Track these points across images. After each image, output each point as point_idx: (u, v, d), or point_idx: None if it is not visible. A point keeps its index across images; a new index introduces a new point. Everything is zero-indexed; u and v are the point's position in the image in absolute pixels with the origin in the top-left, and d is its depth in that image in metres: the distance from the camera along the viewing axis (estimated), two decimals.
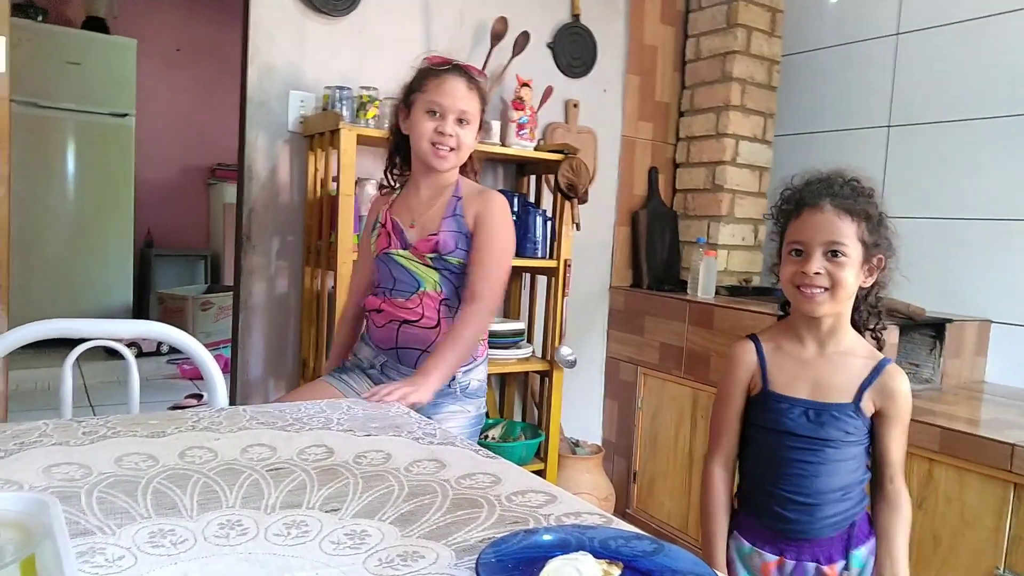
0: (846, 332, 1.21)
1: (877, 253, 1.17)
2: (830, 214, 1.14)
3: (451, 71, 1.52)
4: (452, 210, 1.54)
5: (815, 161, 3.03)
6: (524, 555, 0.64)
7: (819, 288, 1.14)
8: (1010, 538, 1.56)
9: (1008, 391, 2.14)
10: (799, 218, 1.17)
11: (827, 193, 1.16)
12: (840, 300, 1.16)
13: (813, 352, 1.21)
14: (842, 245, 1.13)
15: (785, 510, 1.20)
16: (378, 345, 1.58)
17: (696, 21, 2.91)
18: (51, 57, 4.29)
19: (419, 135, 1.51)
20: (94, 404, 3.48)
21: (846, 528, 1.19)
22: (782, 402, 1.20)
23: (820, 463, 1.17)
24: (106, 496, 0.74)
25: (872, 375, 1.17)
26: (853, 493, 1.20)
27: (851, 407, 1.17)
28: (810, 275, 1.13)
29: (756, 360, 1.24)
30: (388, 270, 1.56)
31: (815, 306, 1.15)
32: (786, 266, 1.18)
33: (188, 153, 5.41)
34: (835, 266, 1.13)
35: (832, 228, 1.13)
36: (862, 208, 1.15)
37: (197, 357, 1.29)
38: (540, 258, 2.37)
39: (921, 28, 2.48)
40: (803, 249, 1.15)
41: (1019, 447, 1.54)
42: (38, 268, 4.29)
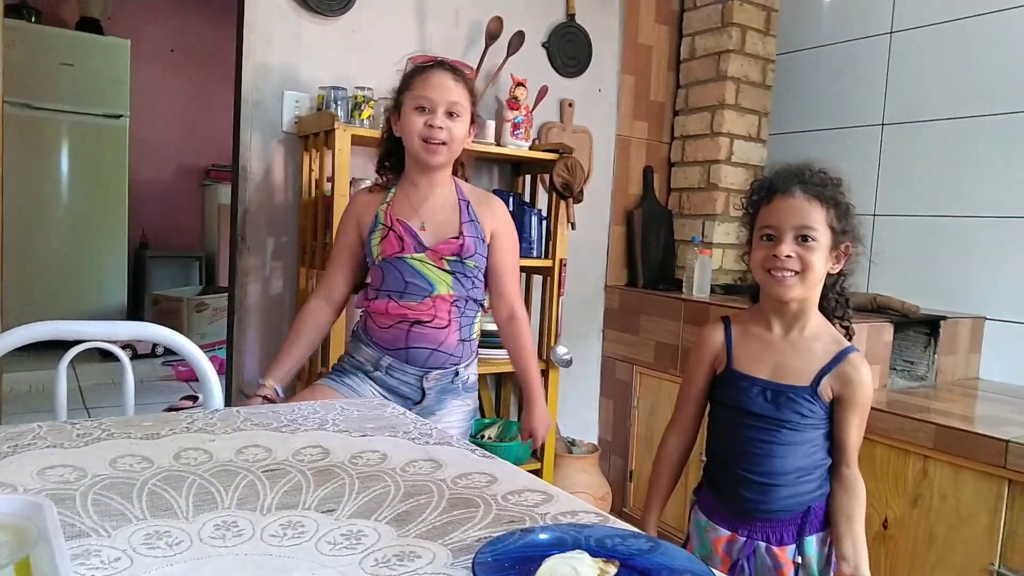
0: (812, 317, 1.23)
1: (844, 240, 1.20)
2: (801, 199, 1.17)
3: (436, 66, 1.52)
4: (468, 215, 1.56)
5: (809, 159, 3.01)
6: (520, 554, 0.64)
7: (790, 272, 1.16)
8: (1005, 534, 1.57)
9: (1002, 388, 2.15)
10: (770, 204, 1.19)
11: (797, 180, 1.19)
12: (809, 284, 1.18)
13: (778, 335, 1.24)
14: (812, 230, 1.16)
15: (741, 487, 1.23)
16: (383, 346, 1.56)
17: (691, 20, 2.92)
18: (45, 58, 4.28)
19: (410, 132, 1.50)
20: (89, 406, 3.47)
21: (800, 512, 1.21)
22: (743, 380, 1.24)
23: (776, 443, 1.20)
24: (101, 498, 0.73)
25: (833, 362, 1.20)
26: (810, 477, 1.22)
27: (808, 391, 1.19)
28: (781, 258, 1.16)
29: (723, 340, 1.28)
30: (399, 274, 1.53)
31: (785, 289, 1.17)
32: (757, 250, 1.20)
33: (182, 154, 5.40)
34: (805, 250, 1.16)
35: (803, 213, 1.16)
36: (831, 195, 1.18)
37: (192, 358, 1.28)
38: (535, 257, 2.37)
39: (915, 27, 2.48)
40: (774, 233, 1.18)
41: (1013, 444, 1.55)
42: (32, 270, 4.28)
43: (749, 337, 1.27)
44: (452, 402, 1.60)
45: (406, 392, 1.56)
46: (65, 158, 4.45)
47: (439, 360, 1.55)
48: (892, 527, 1.78)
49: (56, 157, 4.42)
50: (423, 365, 1.54)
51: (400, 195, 1.58)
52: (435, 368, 1.55)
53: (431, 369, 1.55)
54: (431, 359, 1.54)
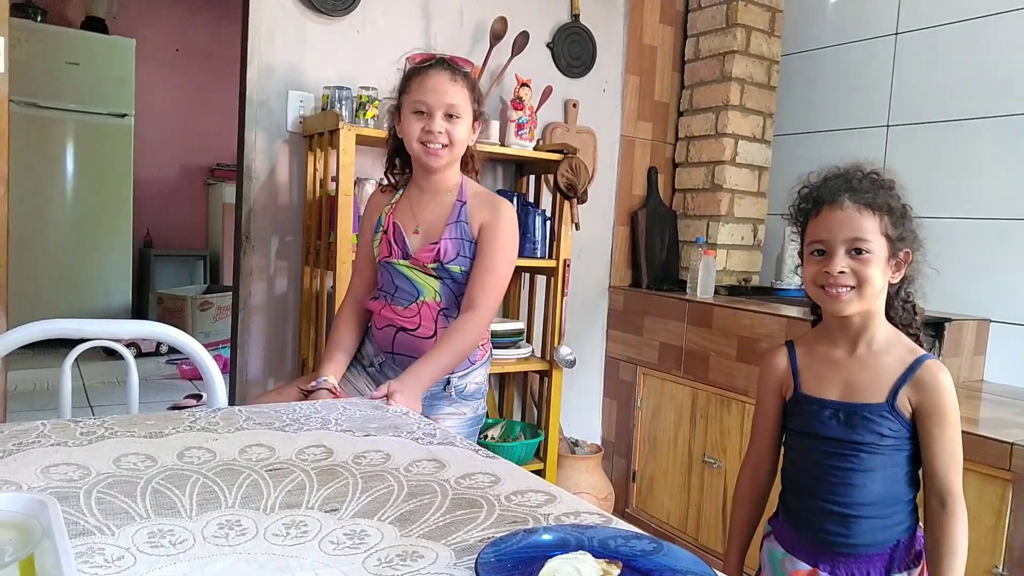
0: (879, 330, 1.15)
1: (903, 247, 1.12)
2: (850, 210, 1.09)
3: (433, 67, 1.47)
4: (456, 216, 1.51)
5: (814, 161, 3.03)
6: (523, 555, 0.64)
7: (844, 287, 1.09)
8: (1009, 537, 1.56)
9: (1007, 390, 2.14)
10: (818, 216, 1.12)
11: (846, 188, 1.11)
12: (868, 298, 1.10)
13: (844, 352, 1.16)
14: (865, 241, 1.08)
15: (821, 519, 1.14)
16: (378, 345, 1.58)
17: (695, 21, 2.91)
18: (50, 57, 4.29)
19: (408, 136, 1.47)
20: (93, 404, 3.48)
21: (889, 547, 1.11)
22: (812, 404, 1.16)
23: (854, 469, 1.11)
24: (105, 496, 0.74)
25: (908, 372, 1.11)
26: (897, 507, 1.12)
27: (885, 407, 1.10)
28: (834, 274, 1.09)
29: (787, 364, 1.21)
30: (390, 277, 1.55)
31: (842, 305, 1.10)
32: (808, 267, 1.13)
33: (187, 153, 5.41)
34: (859, 263, 1.09)
35: (854, 224, 1.09)
36: (883, 201, 1.11)
37: (196, 357, 1.29)
38: (539, 258, 2.37)
39: (920, 28, 2.48)
40: (825, 248, 1.11)
41: (1018, 446, 1.54)
42: (37, 268, 4.29)
43: (815, 358, 1.19)
44: (444, 409, 1.56)
45: None
46: (70, 157, 4.46)
47: None
48: None
49: (61, 156, 4.43)
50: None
51: (405, 197, 1.57)
52: None
53: None
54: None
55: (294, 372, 2.25)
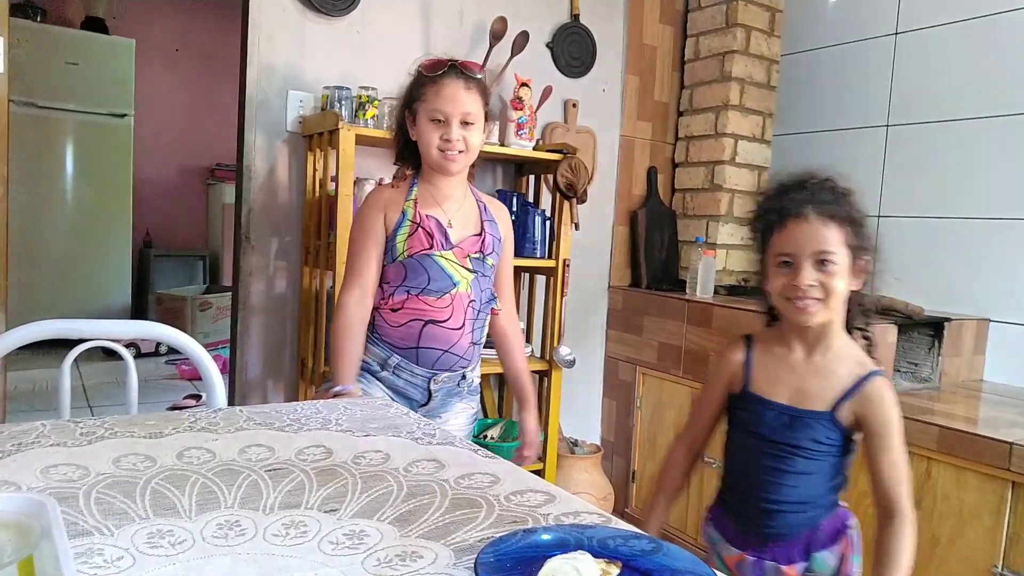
0: (836, 338, 1.18)
1: (863, 255, 1.15)
2: (816, 223, 1.11)
3: (447, 75, 1.49)
4: (485, 214, 1.59)
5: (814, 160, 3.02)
6: (523, 554, 0.64)
7: (812, 299, 1.12)
8: (1008, 536, 1.57)
9: (1006, 390, 2.14)
10: (784, 229, 1.14)
11: (809, 200, 1.13)
12: (833, 308, 1.14)
13: (800, 358, 1.19)
14: (831, 254, 1.11)
15: (752, 513, 1.20)
16: (392, 345, 1.54)
17: (695, 21, 2.91)
18: (50, 57, 4.29)
19: (426, 144, 1.50)
20: (92, 405, 3.48)
21: (808, 531, 1.17)
22: (759, 404, 1.19)
23: (788, 471, 1.16)
24: (104, 497, 0.74)
25: (856, 385, 1.14)
26: (819, 503, 1.18)
27: (827, 416, 1.15)
28: (803, 287, 1.11)
29: (742, 360, 1.24)
30: (423, 271, 1.51)
31: (808, 317, 1.13)
32: (775, 279, 1.16)
33: (187, 153, 5.41)
34: (826, 275, 1.11)
35: (819, 237, 1.11)
36: (845, 212, 1.13)
37: (196, 357, 1.29)
38: (539, 258, 2.37)
39: (920, 28, 2.48)
40: (792, 261, 1.13)
41: (1017, 446, 1.55)
42: (37, 268, 4.29)
43: (770, 358, 1.22)
44: (457, 405, 1.60)
45: (412, 394, 1.55)
46: (70, 157, 4.46)
47: (449, 362, 1.53)
48: None
49: (61, 156, 4.43)
50: (432, 366, 1.53)
51: (424, 192, 1.56)
52: (444, 370, 1.54)
53: (440, 371, 1.54)
54: (441, 360, 1.53)
55: (293, 372, 2.25)
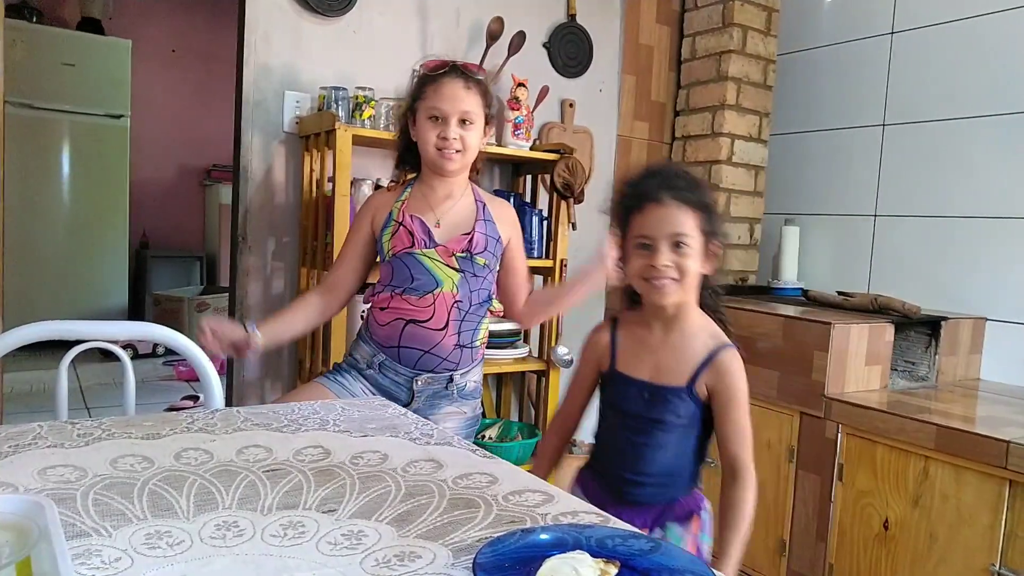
0: (691, 317, 1.25)
1: (714, 240, 1.22)
2: (672, 207, 1.18)
3: (447, 74, 1.52)
4: (483, 213, 1.58)
5: (811, 160, 3.03)
6: (521, 554, 0.64)
7: (668, 279, 1.18)
8: (1006, 535, 1.57)
9: (1003, 388, 2.15)
10: (643, 212, 1.20)
11: (667, 187, 1.20)
12: (687, 288, 1.21)
13: (659, 336, 1.25)
14: (686, 236, 1.17)
15: (615, 480, 1.26)
16: (379, 343, 1.56)
17: (692, 20, 2.92)
18: (46, 58, 4.28)
19: (424, 142, 1.52)
20: (90, 406, 3.47)
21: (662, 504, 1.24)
22: (623, 381, 1.26)
23: (647, 444, 1.22)
24: (102, 498, 0.73)
25: (708, 358, 1.21)
26: (677, 477, 1.25)
27: (684, 390, 1.21)
28: (659, 268, 1.17)
29: (608, 341, 1.30)
30: (406, 269, 1.53)
31: (665, 295, 1.19)
32: (634, 260, 1.22)
33: (183, 154, 5.40)
34: (681, 257, 1.18)
35: (676, 220, 1.18)
36: (699, 199, 1.20)
37: (193, 359, 1.28)
38: (536, 258, 2.37)
39: (916, 27, 2.48)
40: (649, 243, 1.19)
41: (1014, 444, 1.55)
42: (33, 270, 4.28)
43: (632, 339, 1.28)
44: (446, 408, 1.59)
45: (395, 393, 1.56)
46: (66, 158, 4.45)
47: (430, 363, 1.54)
48: (893, 528, 1.78)
49: (57, 157, 4.42)
50: (414, 366, 1.54)
51: (416, 193, 1.59)
52: (426, 371, 1.54)
53: (422, 371, 1.54)
54: (422, 361, 1.53)
55: (291, 373, 2.25)
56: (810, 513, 2.00)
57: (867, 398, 1.92)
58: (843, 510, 1.90)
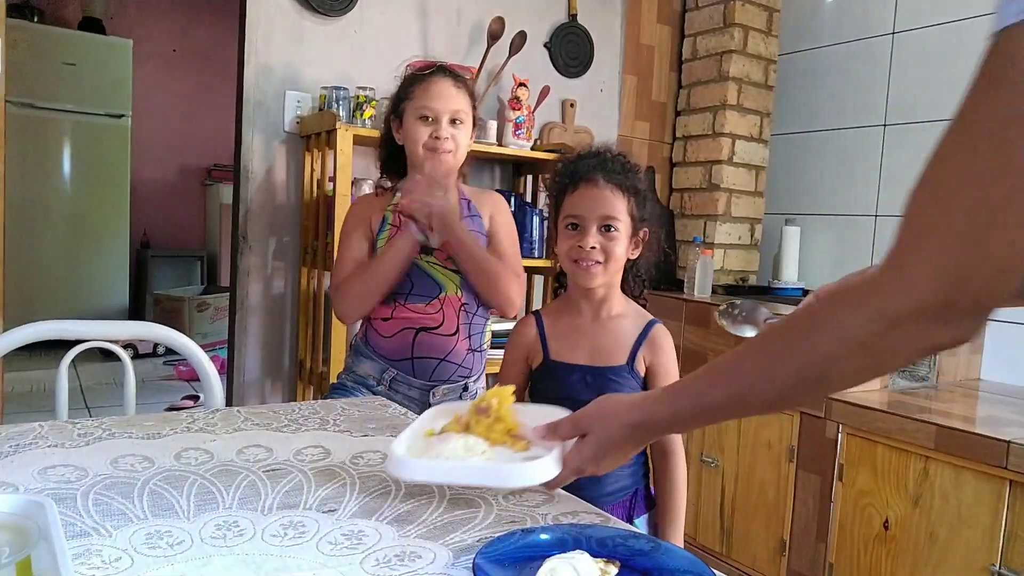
0: (616, 299, 1.26)
1: (643, 227, 1.23)
2: (604, 189, 1.19)
3: (436, 73, 1.49)
4: (467, 211, 1.54)
5: (811, 160, 3.02)
6: (521, 554, 0.64)
7: (594, 261, 1.18)
8: (1006, 535, 1.57)
9: (1004, 388, 2.15)
10: (575, 192, 1.21)
11: (600, 168, 1.20)
12: (612, 272, 1.21)
13: (589, 319, 1.25)
14: (615, 220, 1.18)
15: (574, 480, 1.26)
16: (386, 357, 1.50)
17: (693, 21, 2.92)
18: (47, 58, 4.28)
19: (413, 141, 1.47)
20: (90, 406, 3.47)
21: (629, 497, 1.24)
22: (562, 369, 1.24)
23: None
24: (102, 498, 0.74)
25: (642, 335, 1.23)
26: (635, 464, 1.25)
27: (625, 368, 1.22)
28: (587, 249, 1.18)
29: (536, 333, 1.28)
30: (406, 275, 1.48)
31: (591, 278, 1.20)
32: (563, 240, 1.22)
33: (184, 154, 5.40)
34: (608, 240, 1.18)
35: (606, 203, 1.18)
36: (631, 184, 1.21)
37: (193, 358, 1.29)
38: (537, 258, 2.37)
39: (917, 27, 2.48)
40: (579, 223, 1.19)
41: (1015, 444, 1.55)
42: (34, 269, 4.28)
43: (562, 326, 1.27)
44: None
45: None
46: (67, 158, 4.45)
47: (447, 372, 1.49)
48: (893, 527, 1.78)
49: (58, 157, 4.42)
50: (430, 378, 1.48)
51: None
52: (442, 382, 1.49)
53: (438, 383, 1.49)
54: (438, 371, 1.48)
55: (291, 373, 2.25)
56: (810, 513, 2.00)
57: (867, 398, 1.92)
58: (843, 510, 1.90)
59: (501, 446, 0.80)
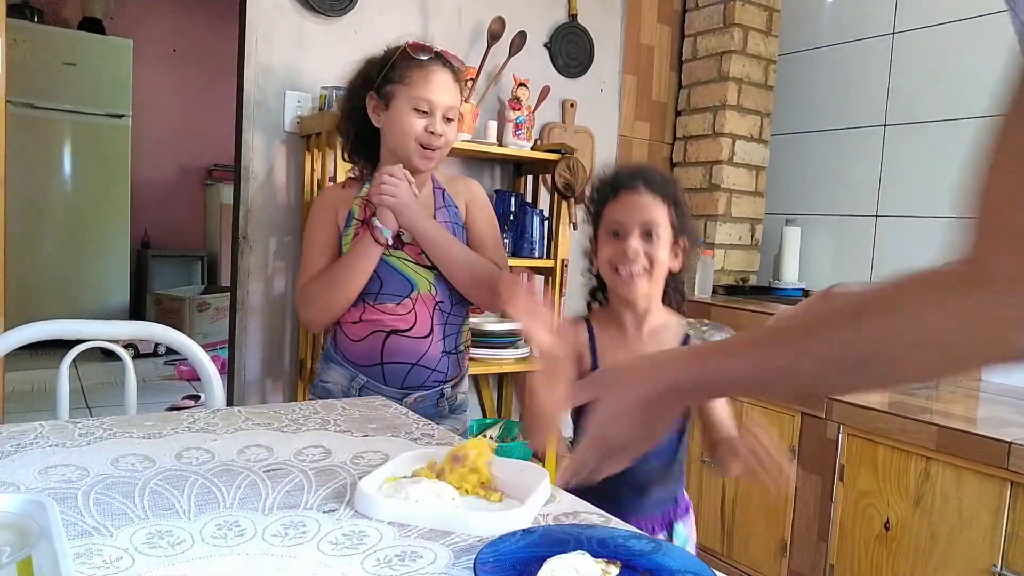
0: (658, 312, 1.25)
1: (683, 237, 1.22)
2: (646, 196, 1.19)
3: (436, 62, 1.39)
4: (442, 201, 1.46)
5: (812, 160, 3.02)
6: (522, 555, 0.64)
7: (638, 267, 1.18)
8: (1007, 536, 1.57)
9: (1005, 389, 2.15)
10: (616, 200, 1.20)
11: (641, 177, 1.21)
12: (656, 280, 1.20)
13: (633, 333, 1.24)
14: (657, 226, 1.18)
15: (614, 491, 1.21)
16: (355, 363, 1.42)
17: (693, 21, 2.92)
18: (47, 58, 4.28)
19: (404, 132, 1.37)
20: (91, 405, 3.47)
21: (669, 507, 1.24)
22: None
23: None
24: (103, 497, 0.74)
25: (684, 342, 1.23)
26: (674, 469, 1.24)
27: None
28: (630, 255, 1.17)
29: (587, 339, 1.25)
30: (375, 273, 1.39)
31: (634, 289, 1.19)
32: (604, 248, 1.21)
33: (185, 154, 5.41)
34: (651, 246, 1.18)
35: (648, 210, 1.18)
36: (672, 192, 1.21)
37: (194, 358, 1.28)
38: (537, 258, 2.37)
39: (917, 27, 2.48)
40: (621, 231, 1.19)
41: (1016, 445, 1.55)
42: (35, 269, 4.28)
43: (607, 339, 1.25)
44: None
45: None
46: (67, 158, 4.45)
47: (420, 377, 1.41)
48: (894, 528, 1.78)
49: (58, 157, 4.42)
50: (401, 385, 1.40)
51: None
52: (415, 388, 1.41)
53: (411, 389, 1.41)
54: (411, 376, 1.40)
55: (292, 373, 2.25)
56: (811, 513, 2.00)
57: (868, 398, 1.92)
58: (844, 510, 1.90)
59: (472, 496, 0.80)
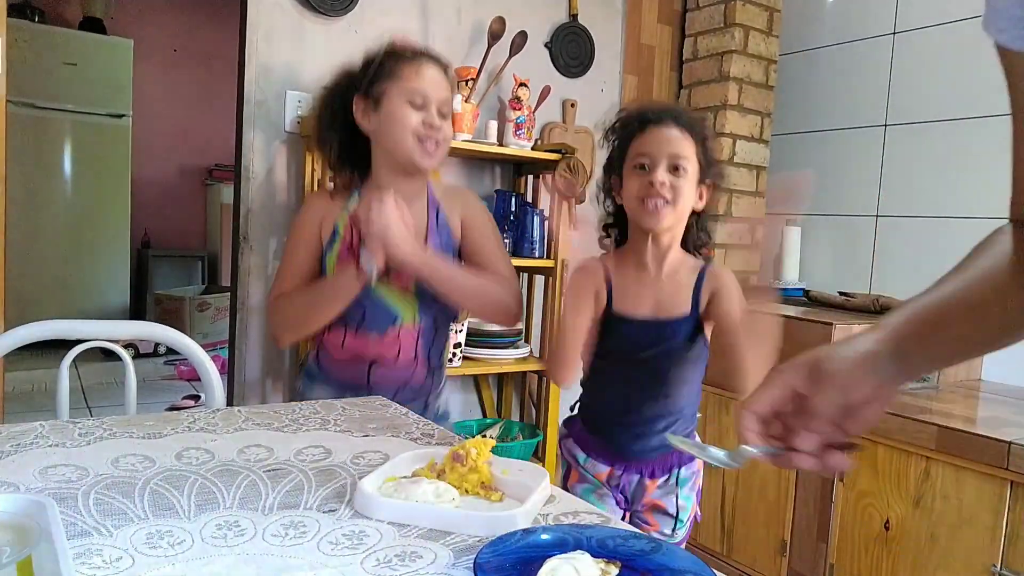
0: (675, 254, 1.25)
1: (710, 176, 1.23)
2: (675, 131, 1.19)
3: (425, 57, 1.34)
4: (435, 220, 1.36)
5: (812, 160, 3.02)
6: (522, 554, 0.64)
7: (663, 199, 1.17)
8: (1007, 536, 1.57)
9: (1005, 389, 2.15)
10: (644, 134, 1.20)
11: (671, 114, 1.21)
12: (680, 214, 1.20)
13: (652, 272, 1.24)
14: (684, 159, 1.18)
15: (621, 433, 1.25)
16: (341, 383, 1.38)
17: (693, 21, 2.92)
18: (48, 58, 4.28)
19: (401, 128, 1.28)
20: (91, 405, 3.47)
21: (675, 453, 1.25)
22: (624, 322, 1.23)
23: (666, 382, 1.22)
24: (103, 497, 0.74)
25: (699, 279, 1.23)
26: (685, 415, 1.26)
27: (690, 318, 1.21)
28: (656, 186, 1.16)
29: (604, 276, 1.25)
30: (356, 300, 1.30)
31: (658, 219, 1.18)
32: (630, 180, 1.20)
33: (185, 154, 5.41)
34: (677, 178, 1.18)
35: (676, 143, 1.18)
36: (701, 131, 1.21)
37: (194, 358, 1.28)
38: (537, 258, 2.37)
39: (918, 27, 2.48)
40: (647, 163, 1.19)
41: (1016, 445, 1.55)
42: (35, 269, 4.28)
43: (624, 277, 1.24)
44: None
45: None
46: (68, 157, 4.45)
47: (405, 397, 1.35)
48: (894, 528, 1.78)
49: (59, 156, 4.42)
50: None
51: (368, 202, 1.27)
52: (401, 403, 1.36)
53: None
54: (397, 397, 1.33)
55: (292, 373, 2.25)
56: (811, 513, 2.00)
57: None
58: (844, 510, 1.90)
59: (472, 496, 0.79)
